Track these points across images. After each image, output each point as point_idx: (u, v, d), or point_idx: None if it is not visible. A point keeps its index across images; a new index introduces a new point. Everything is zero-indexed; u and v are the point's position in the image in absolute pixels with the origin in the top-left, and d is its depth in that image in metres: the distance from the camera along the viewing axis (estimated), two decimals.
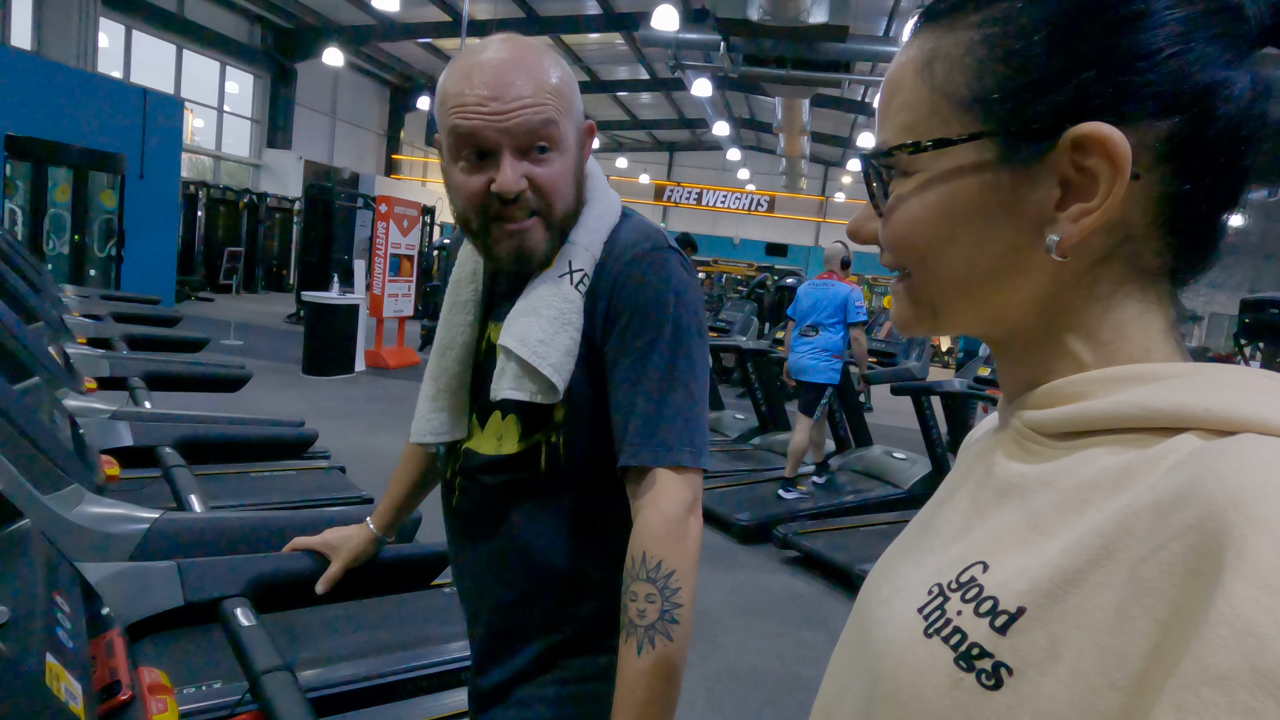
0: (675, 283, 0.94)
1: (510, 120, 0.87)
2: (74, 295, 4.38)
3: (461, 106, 0.87)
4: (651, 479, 0.89)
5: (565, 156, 0.92)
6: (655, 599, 0.85)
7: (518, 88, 0.87)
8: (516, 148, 0.88)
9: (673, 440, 0.90)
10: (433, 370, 1.04)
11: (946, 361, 15.42)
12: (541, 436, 0.96)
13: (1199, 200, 0.42)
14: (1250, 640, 0.29)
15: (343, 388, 7.44)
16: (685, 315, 0.93)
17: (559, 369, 0.91)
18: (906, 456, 5.57)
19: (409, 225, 8.89)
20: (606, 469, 0.95)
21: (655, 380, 0.91)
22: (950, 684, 0.39)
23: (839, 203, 26.14)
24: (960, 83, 0.45)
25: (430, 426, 1.03)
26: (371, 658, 1.44)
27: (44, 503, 1.20)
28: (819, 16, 9.28)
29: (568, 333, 0.92)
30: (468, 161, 0.90)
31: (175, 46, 14.64)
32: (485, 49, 0.90)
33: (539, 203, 0.91)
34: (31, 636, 0.75)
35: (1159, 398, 0.39)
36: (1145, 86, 0.40)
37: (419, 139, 22.13)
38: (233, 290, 11.46)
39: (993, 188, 0.44)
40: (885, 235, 0.49)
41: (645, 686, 0.84)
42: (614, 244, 0.97)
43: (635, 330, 0.92)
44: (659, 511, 0.88)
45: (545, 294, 0.94)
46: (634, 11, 13.85)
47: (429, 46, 18.09)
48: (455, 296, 1.05)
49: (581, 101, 0.96)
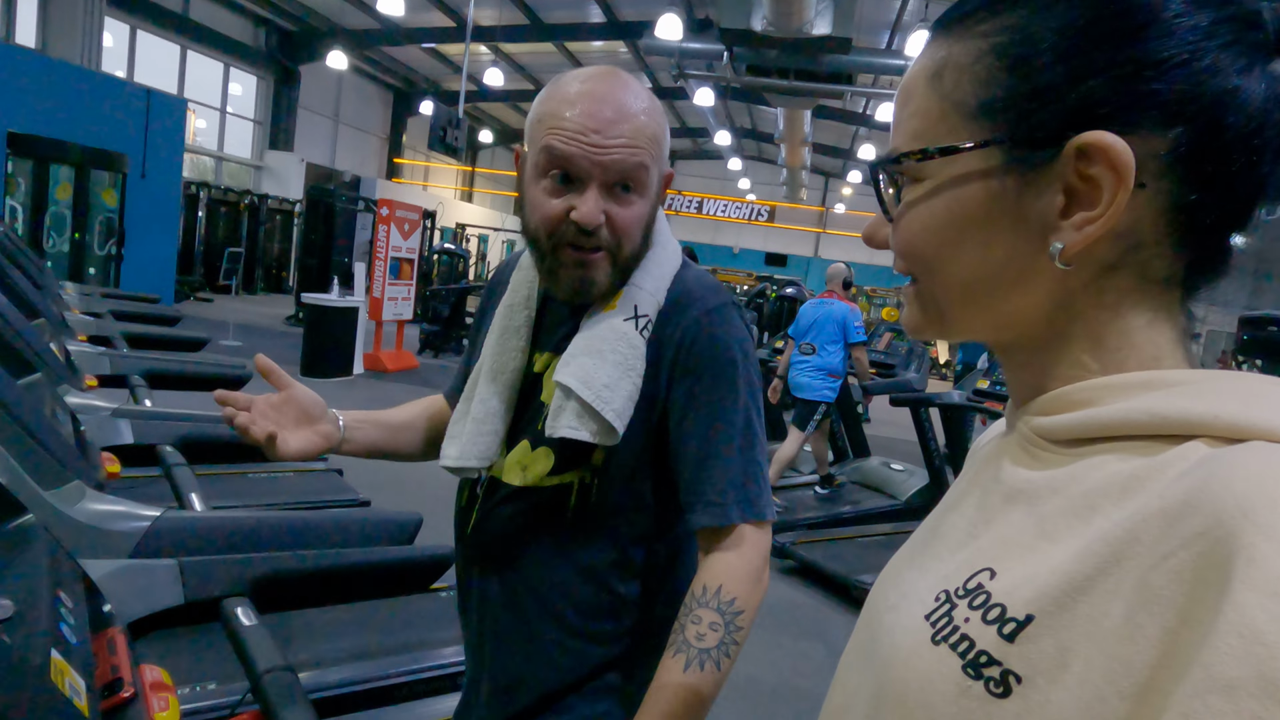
0: (743, 340, 0.96)
1: (607, 156, 0.88)
2: (74, 293, 4.38)
3: (560, 129, 0.88)
4: (739, 535, 0.91)
5: (645, 201, 0.93)
6: (719, 629, 0.86)
7: (620, 126, 0.88)
8: (604, 183, 0.89)
9: (755, 496, 0.92)
10: (482, 393, 1.01)
11: (945, 373, 15.42)
12: (575, 476, 0.95)
13: (1208, 211, 0.42)
14: (1259, 649, 0.29)
15: (341, 390, 7.43)
16: (753, 372, 0.96)
17: (621, 414, 0.91)
18: (905, 468, 5.57)
19: (410, 229, 8.89)
20: (633, 521, 0.95)
21: (735, 438, 0.93)
22: (958, 691, 0.39)
23: (839, 214, 26.17)
24: (968, 91, 0.45)
25: (476, 450, 0.99)
26: (369, 660, 1.44)
27: (46, 498, 1.20)
28: (822, 28, 9.33)
29: (631, 379, 0.93)
30: (552, 182, 0.90)
31: (179, 47, 14.65)
32: (594, 79, 0.91)
33: (610, 241, 0.92)
34: (36, 631, 0.75)
35: (1167, 405, 0.39)
36: (1151, 96, 0.40)
37: (421, 143, 22.12)
38: (232, 291, 11.45)
39: (999, 195, 0.44)
40: (895, 241, 0.50)
41: (680, 701, 0.84)
42: (680, 293, 0.98)
43: (709, 386, 0.93)
44: (743, 557, 0.91)
45: (609, 336, 0.93)
46: (638, 20, 13.88)
47: (433, 51, 18.10)
48: (508, 321, 1.03)
49: (668, 149, 0.97)
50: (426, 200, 18.26)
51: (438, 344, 10.60)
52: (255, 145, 17.14)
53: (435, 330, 10.64)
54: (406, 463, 1.17)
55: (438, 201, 18.35)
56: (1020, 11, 0.44)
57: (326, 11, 15.81)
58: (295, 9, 15.61)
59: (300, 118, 17.35)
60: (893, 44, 12.96)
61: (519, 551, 0.98)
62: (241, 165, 16.91)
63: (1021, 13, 0.44)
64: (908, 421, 5.31)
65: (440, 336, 10.62)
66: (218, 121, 16.20)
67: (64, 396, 2.02)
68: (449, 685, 1.52)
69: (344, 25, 16.24)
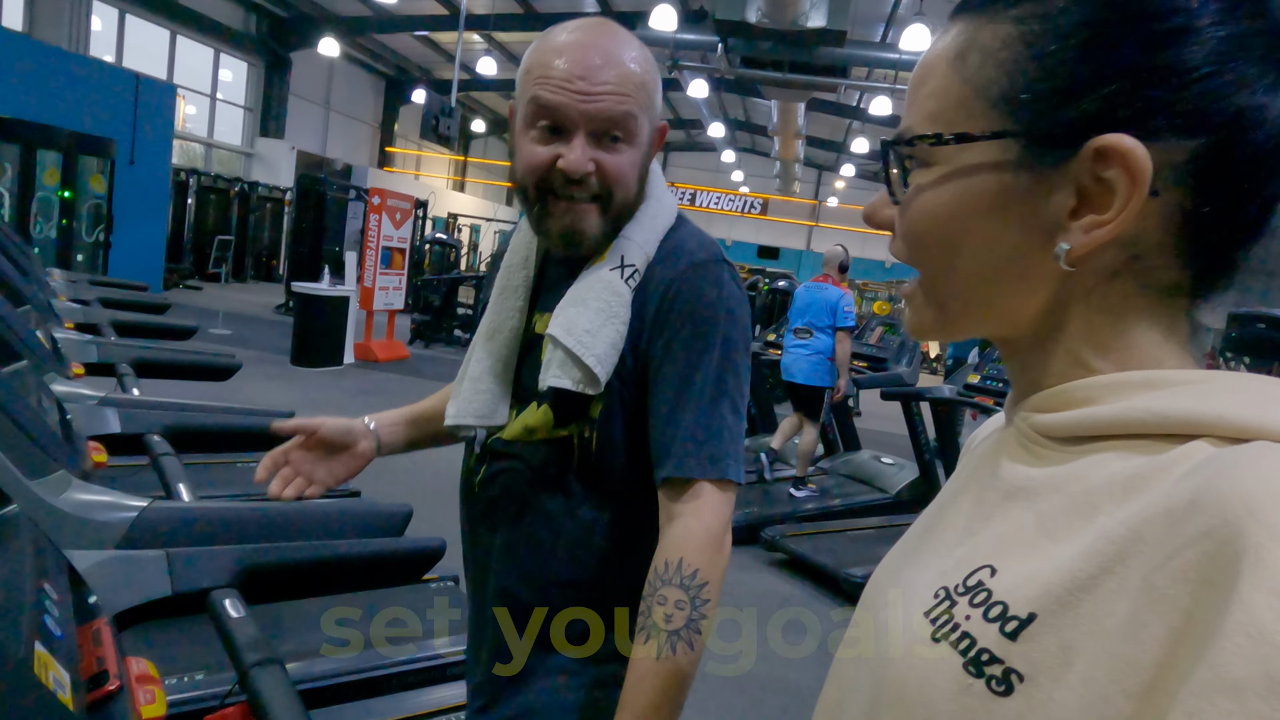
0: (729, 297, 0.94)
1: (593, 104, 0.88)
2: (61, 280, 4.34)
3: (547, 79, 0.88)
4: (696, 490, 0.89)
5: (635, 150, 0.93)
6: (685, 606, 0.85)
7: (606, 73, 0.88)
8: (591, 131, 0.89)
9: (719, 454, 0.90)
10: (478, 354, 1.02)
11: (936, 368, 15.49)
12: (575, 429, 0.95)
13: (1218, 224, 0.41)
14: (1266, 648, 0.29)
15: (331, 379, 7.40)
16: (736, 331, 0.94)
17: (603, 360, 0.91)
18: (894, 462, 5.60)
19: (401, 218, 8.85)
20: (635, 474, 0.94)
21: (705, 391, 0.91)
22: (959, 689, 0.39)
23: (832, 207, 26.21)
24: (991, 78, 0.44)
25: (473, 408, 1.00)
26: (360, 651, 1.43)
27: (31, 488, 1.18)
28: (817, 21, 9.31)
29: (614, 325, 0.92)
30: (540, 132, 0.90)
31: (169, 32, 14.50)
32: (581, 29, 0.91)
33: (601, 188, 0.92)
34: (20, 624, 0.74)
35: (1170, 404, 0.39)
36: (1175, 104, 0.39)
37: (413, 132, 22.01)
38: (221, 279, 11.39)
39: (1010, 189, 0.44)
40: (901, 226, 0.49)
41: (659, 690, 0.83)
42: (670, 247, 0.97)
43: (686, 340, 0.92)
44: (701, 521, 0.88)
45: (595, 285, 0.93)
46: (632, 11, 13.83)
47: (425, 39, 18.00)
48: (506, 281, 1.03)
49: (661, 100, 0.96)
50: (418, 189, 18.18)
51: (429, 334, 10.57)
52: (246, 132, 17.01)
53: (426, 320, 10.62)
54: (396, 454, 1.17)
55: (430, 191, 18.28)
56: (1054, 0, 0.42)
57: None
58: None
59: (291, 105, 17.23)
60: (887, 37, 12.96)
61: (524, 505, 0.98)
62: (232, 152, 16.79)
63: (1056, 2, 0.42)
64: (898, 415, 5.34)
65: (431, 326, 10.60)
66: (208, 108, 16.07)
67: (50, 384, 2.00)
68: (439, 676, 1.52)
69: (336, 12, 16.13)
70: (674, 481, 0.90)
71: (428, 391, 1.21)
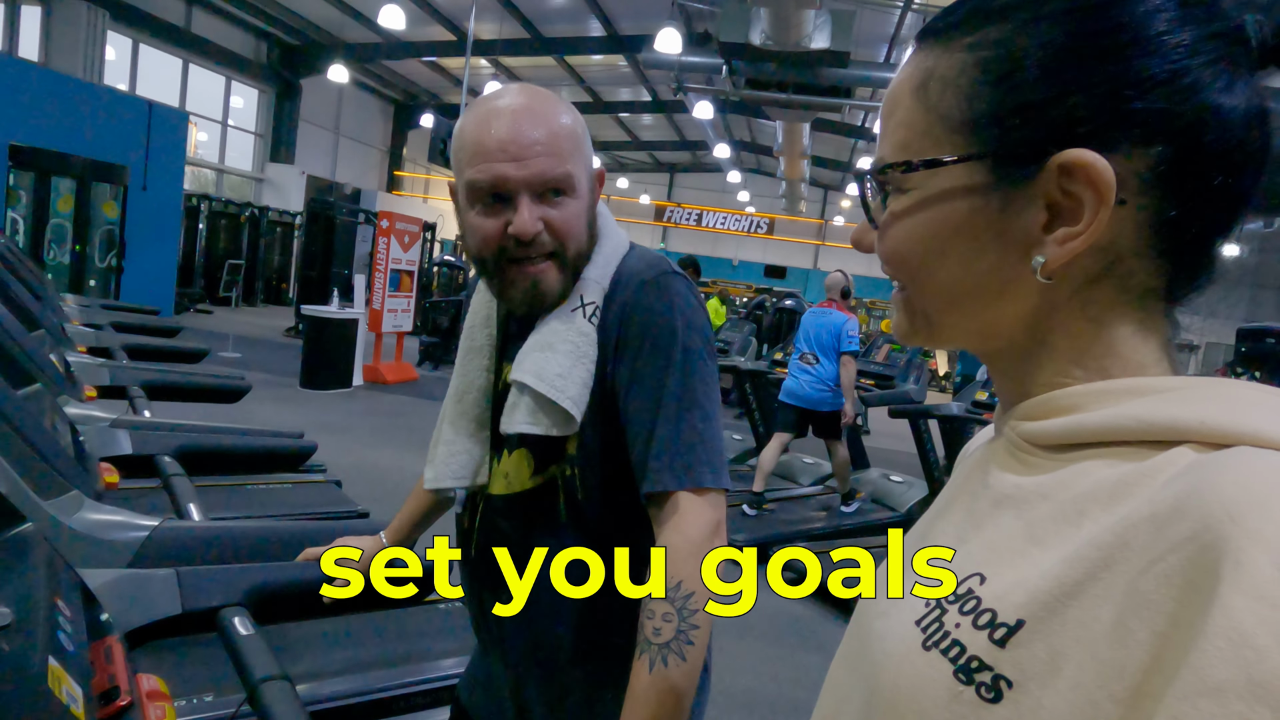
0: (681, 306, 0.94)
1: (529, 169, 0.89)
2: (74, 304, 4.39)
3: (479, 155, 0.90)
4: (675, 503, 0.89)
5: (579, 200, 0.94)
6: (672, 618, 0.85)
7: (534, 133, 0.90)
8: (533, 192, 0.91)
9: (692, 462, 0.90)
10: (450, 415, 1.04)
11: (944, 385, 15.42)
12: (556, 470, 0.96)
13: (1190, 225, 0.42)
14: (1247, 652, 0.29)
15: (340, 402, 7.42)
16: (694, 338, 0.94)
17: (577, 401, 0.92)
18: (904, 480, 5.57)
19: (410, 241, 8.91)
20: (625, 505, 0.95)
21: (671, 405, 0.91)
22: (949, 697, 0.39)
23: (838, 226, 26.23)
24: (953, 104, 0.45)
25: (450, 470, 1.02)
26: (365, 672, 1.43)
27: (45, 508, 1.20)
28: (821, 42, 9.38)
29: (584, 365, 0.93)
30: (485, 205, 0.92)
31: (182, 60, 14.73)
32: (501, 97, 0.93)
33: (555, 244, 0.93)
34: (34, 639, 0.75)
35: (1154, 411, 0.39)
36: (1133, 114, 0.40)
37: (422, 156, 22.23)
38: (232, 303, 11.46)
39: (981, 209, 0.45)
40: (881, 249, 0.50)
41: (654, 703, 0.83)
42: (620, 274, 0.98)
43: (647, 357, 0.93)
44: (682, 534, 0.88)
45: (559, 329, 0.95)
46: (637, 34, 13.97)
47: (433, 65, 18.21)
48: (470, 342, 1.05)
49: (592, 146, 0.98)
50: (426, 212, 18.29)
51: (437, 356, 10.60)
52: (256, 158, 17.20)
53: (435, 342, 10.65)
54: (405, 476, 1.19)
55: (438, 213, 18.38)
56: (1006, 25, 0.44)
57: (328, 25, 15.91)
58: (297, 23, 15.71)
59: (301, 130, 17.42)
60: (890, 57, 13.03)
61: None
62: (242, 178, 16.97)
63: (1007, 27, 0.44)
64: (907, 433, 5.31)
65: (440, 348, 10.62)
66: (219, 134, 16.27)
67: (63, 407, 2.02)
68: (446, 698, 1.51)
69: (345, 39, 16.34)
70: (654, 497, 0.91)
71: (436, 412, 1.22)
